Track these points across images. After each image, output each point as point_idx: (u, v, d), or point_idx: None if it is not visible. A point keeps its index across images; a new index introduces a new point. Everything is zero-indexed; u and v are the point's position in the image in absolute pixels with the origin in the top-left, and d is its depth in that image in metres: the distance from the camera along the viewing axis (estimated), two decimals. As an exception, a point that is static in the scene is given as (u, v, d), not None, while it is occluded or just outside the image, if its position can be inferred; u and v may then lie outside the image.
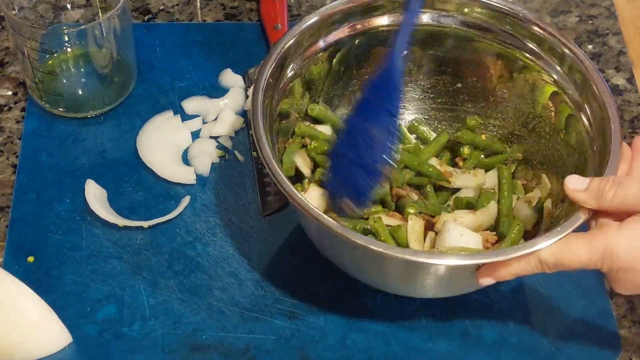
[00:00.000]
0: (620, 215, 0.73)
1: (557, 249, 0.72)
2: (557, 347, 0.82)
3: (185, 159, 0.94)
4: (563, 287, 0.86)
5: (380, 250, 0.72)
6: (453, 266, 0.74)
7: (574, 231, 0.73)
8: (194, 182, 0.91)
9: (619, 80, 1.03)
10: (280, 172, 0.75)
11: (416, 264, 0.74)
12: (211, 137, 0.95)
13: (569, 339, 0.83)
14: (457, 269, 0.75)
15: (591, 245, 0.71)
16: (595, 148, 0.80)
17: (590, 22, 1.08)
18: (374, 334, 0.83)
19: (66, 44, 0.93)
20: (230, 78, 0.99)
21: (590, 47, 1.05)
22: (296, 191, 0.75)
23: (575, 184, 0.74)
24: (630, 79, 1.03)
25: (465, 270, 0.76)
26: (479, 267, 0.75)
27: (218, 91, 0.99)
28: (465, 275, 0.77)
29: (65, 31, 0.91)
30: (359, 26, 0.88)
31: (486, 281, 0.75)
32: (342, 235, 0.73)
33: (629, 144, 0.77)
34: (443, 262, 0.73)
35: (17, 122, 0.96)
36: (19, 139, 0.94)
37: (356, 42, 0.88)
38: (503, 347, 0.82)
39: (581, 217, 0.73)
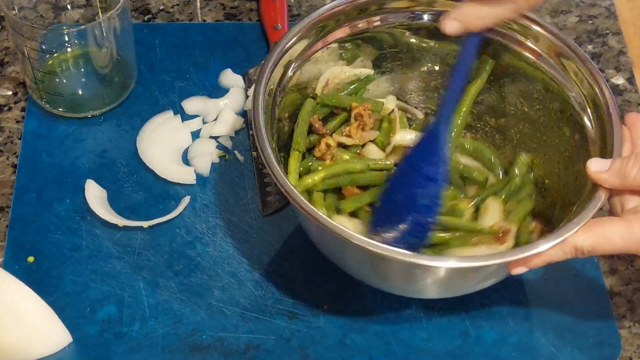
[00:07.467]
0: None
1: (592, 236, 0.73)
2: (557, 347, 0.82)
3: (185, 159, 0.94)
4: (563, 287, 0.86)
5: (404, 258, 0.72)
6: (473, 267, 0.73)
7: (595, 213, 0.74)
8: (194, 182, 0.91)
9: (619, 80, 1.03)
10: (281, 173, 0.75)
11: (422, 267, 0.73)
12: (211, 137, 0.95)
13: (569, 339, 0.83)
14: (471, 271, 0.75)
15: (627, 232, 0.72)
16: (595, 132, 0.81)
17: (590, 22, 1.08)
18: (374, 334, 0.83)
19: (66, 44, 0.93)
20: (230, 78, 0.99)
21: (590, 47, 1.05)
22: (297, 192, 0.75)
23: (597, 166, 0.75)
24: (630, 79, 1.03)
25: (481, 271, 0.76)
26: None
27: (218, 91, 0.99)
28: (476, 276, 0.77)
29: (65, 31, 0.91)
30: (360, 25, 0.88)
31: (519, 270, 0.75)
32: (344, 237, 0.72)
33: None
34: (460, 265, 0.72)
35: (17, 122, 0.96)
36: (19, 139, 0.94)
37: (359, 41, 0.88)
38: (503, 347, 0.82)
39: (602, 198, 0.74)
